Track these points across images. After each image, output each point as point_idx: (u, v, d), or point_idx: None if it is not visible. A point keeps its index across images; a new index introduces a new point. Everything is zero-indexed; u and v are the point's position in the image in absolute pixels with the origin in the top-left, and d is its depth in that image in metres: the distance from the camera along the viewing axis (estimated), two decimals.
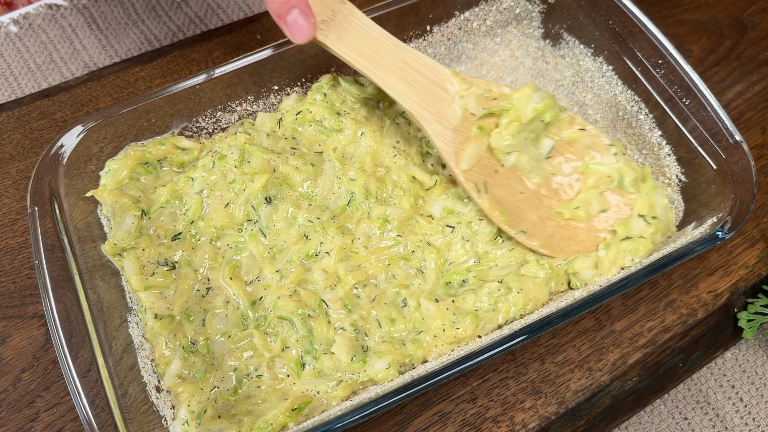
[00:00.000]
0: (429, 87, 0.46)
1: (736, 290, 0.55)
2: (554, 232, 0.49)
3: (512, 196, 0.48)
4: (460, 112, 0.46)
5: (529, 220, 0.49)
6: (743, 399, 0.53)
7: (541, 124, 0.48)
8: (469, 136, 0.47)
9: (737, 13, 0.72)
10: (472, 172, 0.47)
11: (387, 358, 0.46)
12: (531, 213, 0.49)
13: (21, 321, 0.52)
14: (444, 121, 0.46)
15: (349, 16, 0.45)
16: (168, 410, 0.45)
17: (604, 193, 0.49)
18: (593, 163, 0.49)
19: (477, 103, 0.47)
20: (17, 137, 0.61)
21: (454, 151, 0.47)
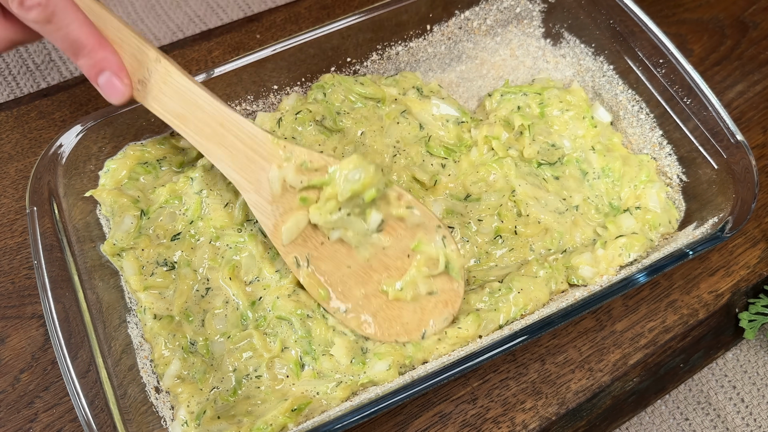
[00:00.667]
0: (248, 154, 0.43)
1: (737, 290, 0.55)
2: (378, 310, 0.45)
3: (338, 269, 0.45)
4: (278, 184, 0.43)
5: (354, 296, 0.45)
6: (744, 399, 0.53)
7: (363, 201, 0.43)
8: (291, 208, 0.43)
9: (738, 12, 0.71)
10: (295, 244, 0.44)
11: (387, 359, 0.46)
12: (358, 289, 0.45)
13: (20, 321, 0.52)
14: (263, 191, 0.43)
15: (165, 76, 0.42)
16: (167, 411, 0.45)
17: (433, 276, 0.45)
18: (422, 244, 0.45)
19: (296, 175, 0.43)
20: (16, 137, 0.61)
21: (274, 224, 0.44)
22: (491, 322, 0.47)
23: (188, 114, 0.44)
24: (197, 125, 0.44)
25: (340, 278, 0.46)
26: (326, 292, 0.45)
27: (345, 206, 0.43)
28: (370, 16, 0.58)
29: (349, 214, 0.43)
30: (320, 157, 0.44)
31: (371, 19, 0.58)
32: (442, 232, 0.46)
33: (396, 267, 0.46)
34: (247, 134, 0.44)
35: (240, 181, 0.44)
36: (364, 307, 0.46)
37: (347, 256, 0.45)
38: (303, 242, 0.45)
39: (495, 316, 0.47)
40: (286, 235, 0.44)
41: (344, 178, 0.42)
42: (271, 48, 0.55)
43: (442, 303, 0.46)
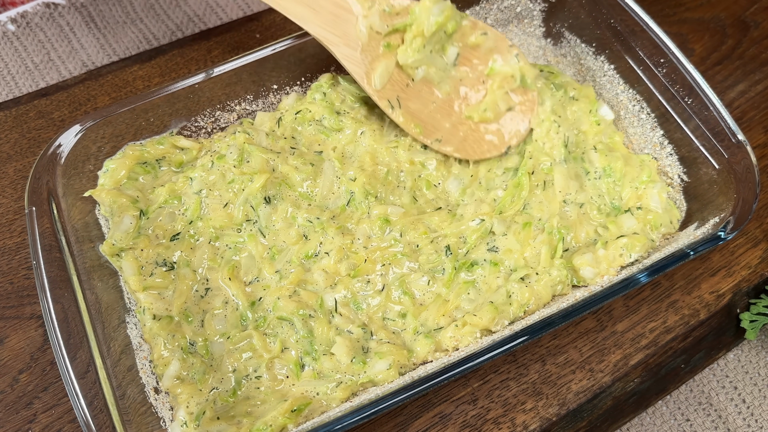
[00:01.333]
0: (332, 10, 0.47)
1: (738, 291, 0.55)
2: (466, 135, 0.51)
3: (425, 107, 0.50)
4: (366, 31, 0.47)
5: (443, 128, 0.51)
6: (746, 400, 0.53)
7: (444, 34, 0.49)
8: (377, 55, 0.48)
9: (740, 11, 0.71)
10: (385, 90, 0.48)
11: (388, 358, 0.46)
12: (444, 121, 0.51)
13: (18, 322, 0.52)
14: (351, 43, 0.47)
15: None
16: (167, 411, 0.45)
17: (509, 92, 0.52)
18: (497, 66, 0.51)
19: (381, 21, 0.48)
20: (15, 137, 0.61)
21: (365, 72, 0.48)
22: (504, 316, 0.47)
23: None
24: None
25: (428, 114, 0.50)
26: (420, 127, 0.49)
27: (428, 42, 0.48)
28: None
29: (431, 51, 0.48)
30: (398, 1, 0.49)
31: None
32: (515, 50, 0.51)
33: (474, 94, 0.52)
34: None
35: (330, 37, 0.47)
36: (453, 134, 0.51)
37: (430, 93, 0.50)
38: (391, 87, 0.49)
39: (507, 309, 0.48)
40: (379, 80, 0.48)
41: (429, 14, 0.47)
42: (271, 48, 0.55)
43: (521, 114, 0.52)
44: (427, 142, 0.50)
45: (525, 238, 0.51)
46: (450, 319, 0.48)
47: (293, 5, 0.47)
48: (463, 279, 0.50)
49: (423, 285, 0.50)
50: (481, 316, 0.47)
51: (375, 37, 0.48)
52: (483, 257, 0.50)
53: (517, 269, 0.50)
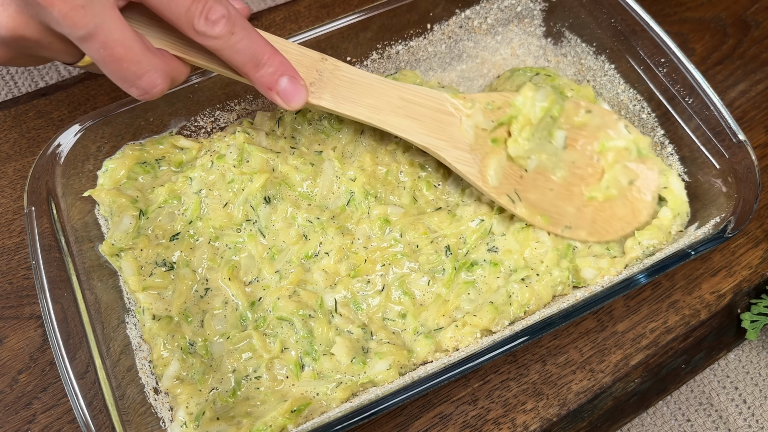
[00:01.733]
0: (434, 116, 0.46)
1: (739, 291, 0.55)
2: (594, 216, 0.50)
3: (544, 195, 0.49)
4: (472, 131, 0.46)
5: (568, 213, 0.49)
6: (746, 401, 0.52)
7: (550, 119, 0.48)
8: (487, 152, 0.47)
9: (740, 11, 0.71)
10: (502, 185, 0.47)
11: (388, 359, 0.46)
12: (567, 206, 0.49)
13: (18, 322, 0.52)
14: (460, 144, 0.46)
15: (335, 71, 0.44)
16: (166, 412, 0.45)
17: (628, 164, 0.51)
18: (608, 141, 0.50)
19: (485, 118, 0.47)
20: (14, 136, 0.61)
21: (479, 170, 0.47)
22: (505, 316, 0.47)
23: (369, 100, 0.45)
24: (381, 108, 0.46)
25: (550, 202, 0.49)
26: (545, 217, 0.48)
27: (536, 130, 0.48)
28: (369, 14, 0.57)
29: (539, 138, 0.48)
30: (498, 95, 0.48)
31: (371, 17, 0.58)
32: (623, 121, 0.51)
33: (591, 174, 0.51)
34: (428, 98, 0.46)
35: (437, 143, 0.46)
36: (581, 218, 0.50)
37: (546, 181, 0.49)
38: (506, 181, 0.48)
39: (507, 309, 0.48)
40: (494, 176, 0.47)
41: (533, 102, 0.47)
42: None
43: (642, 185, 0.51)
44: (558, 232, 0.48)
45: (524, 239, 0.51)
46: (450, 320, 0.48)
47: (395, 119, 0.46)
48: (463, 279, 0.50)
49: (423, 285, 0.50)
50: (482, 317, 0.47)
51: (481, 134, 0.46)
52: (483, 257, 0.50)
53: (518, 270, 0.50)
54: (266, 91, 0.42)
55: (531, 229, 0.51)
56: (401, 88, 0.46)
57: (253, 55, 0.40)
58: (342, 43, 0.58)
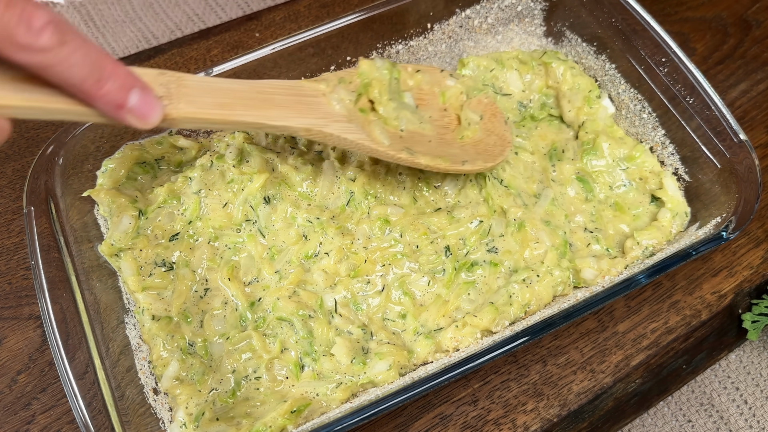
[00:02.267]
0: (300, 101, 0.44)
1: (740, 291, 0.55)
2: (476, 149, 0.51)
3: (428, 146, 0.49)
4: (341, 105, 0.45)
5: (457, 154, 0.50)
6: (747, 401, 0.52)
7: (396, 83, 0.49)
8: (363, 121, 0.46)
9: (741, 10, 0.71)
10: (393, 144, 0.47)
11: (388, 359, 0.45)
12: (451, 149, 0.50)
13: (17, 322, 0.51)
14: (338, 118, 0.45)
15: (180, 82, 0.38)
16: (166, 413, 0.45)
17: (470, 103, 0.53)
18: (446, 91, 0.52)
19: (346, 91, 0.46)
20: (13, 136, 0.60)
21: (367, 135, 0.46)
22: (505, 317, 0.47)
23: (229, 100, 0.42)
24: (242, 105, 0.41)
25: (436, 149, 0.49)
26: (445, 158, 0.49)
27: (390, 93, 0.48)
28: (369, 14, 0.57)
29: (396, 101, 0.48)
30: (345, 71, 0.48)
31: (371, 17, 0.57)
32: (446, 73, 0.53)
33: (450, 122, 0.52)
34: (284, 88, 0.44)
35: (316, 121, 0.44)
36: (469, 153, 0.50)
37: (422, 135, 0.49)
38: (393, 141, 0.47)
39: (508, 310, 0.47)
40: (384, 137, 0.47)
41: (375, 69, 0.47)
42: (270, 47, 0.55)
43: (492, 114, 0.53)
44: (460, 167, 0.49)
45: (524, 239, 0.50)
46: (450, 320, 0.48)
47: (263, 110, 0.42)
48: (464, 280, 0.50)
49: (423, 285, 0.49)
50: (482, 317, 0.47)
51: (350, 107, 0.46)
52: (483, 258, 0.50)
53: (518, 270, 0.50)
54: (115, 111, 0.33)
55: (528, 230, 0.50)
56: (254, 84, 0.43)
57: (94, 67, 0.31)
58: (342, 43, 0.58)
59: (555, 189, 0.55)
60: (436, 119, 0.51)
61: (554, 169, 0.56)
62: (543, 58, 0.60)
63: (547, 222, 0.52)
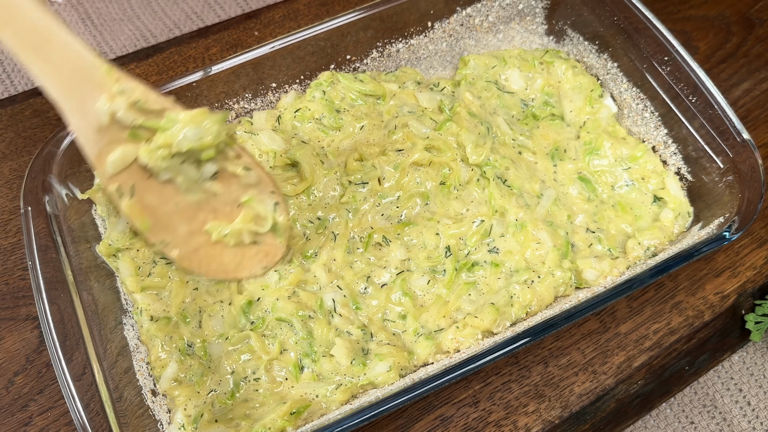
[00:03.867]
0: (74, 77, 0.38)
1: (743, 292, 0.54)
2: (200, 248, 0.45)
3: (164, 205, 0.43)
4: (107, 116, 0.39)
5: (177, 232, 0.44)
6: (751, 403, 0.52)
7: (203, 152, 0.41)
8: (118, 139, 0.40)
9: (744, 9, 0.70)
10: (120, 175, 0.41)
11: (388, 360, 0.45)
12: (181, 225, 0.44)
13: (14, 323, 0.51)
14: (89, 118, 0.39)
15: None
16: (164, 414, 0.44)
17: (258, 232, 0.45)
18: (253, 203, 0.44)
19: (128, 112, 0.39)
20: (10, 136, 0.60)
21: (98, 152, 0.40)
22: (506, 317, 0.47)
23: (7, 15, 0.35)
24: (18, 30, 0.36)
25: (166, 213, 0.43)
26: (148, 223, 0.42)
27: (179, 156, 0.41)
28: (369, 12, 0.57)
29: (182, 162, 0.41)
30: (157, 99, 0.40)
31: (371, 15, 0.57)
32: (275, 197, 0.45)
33: (225, 213, 0.45)
34: (76, 56, 0.38)
35: (62, 102, 0.38)
36: (187, 242, 0.44)
37: (175, 194, 0.43)
38: (129, 174, 0.41)
39: (509, 311, 0.47)
40: (111, 167, 0.40)
41: (184, 133, 0.40)
42: (270, 45, 0.54)
43: (263, 253, 0.46)
44: (151, 241, 0.43)
45: (525, 240, 0.50)
46: (451, 321, 0.48)
47: (31, 54, 0.36)
48: (464, 280, 0.49)
49: (423, 285, 0.49)
50: (483, 318, 0.46)
51: (117, 123, 0.39)
52: (484, 258, 0.50)
53: (519, 270, 0.49)
54: None
55: (529, 230, 0.50)
56: (53, 30, 0.37)
57: None
58: (342, 42, 0.58)
59: (557, 189, 0.54)
60: (219, 201, 0.43)
61: (556, 169, 0.56)
62: (544, 56, 0.60)
63: (549, 222, 0.52)
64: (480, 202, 0.52)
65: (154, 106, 0.40)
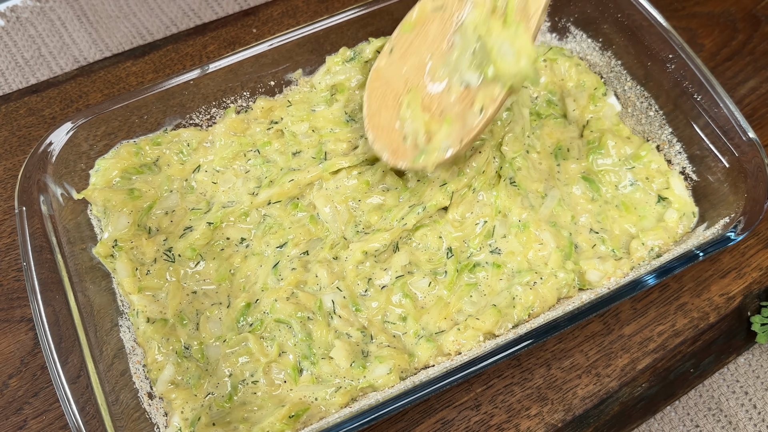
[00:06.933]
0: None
1: (749, 293, 0.54)
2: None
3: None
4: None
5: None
6: (756, 406, 0.51)
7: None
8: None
9: (750, 5, 0.70)
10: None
11: (388, 362, 0.45)
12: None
13: (8, 325, 0.50)
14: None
15: None
16: (161, 417, 0.44)
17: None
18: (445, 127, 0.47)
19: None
20: (4, 134, 0.59)
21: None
22: (508, 319, 0.46)
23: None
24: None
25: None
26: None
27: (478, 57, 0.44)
28: (369, 9, 0.56)
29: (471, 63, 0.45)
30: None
31: (370, 12, 0.56)
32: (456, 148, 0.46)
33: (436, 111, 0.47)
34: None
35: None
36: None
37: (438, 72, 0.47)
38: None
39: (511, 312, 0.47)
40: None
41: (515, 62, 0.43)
42: (268, 43, 0.54)
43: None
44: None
45: (527, 241, 0.49)
46: (452, 323, 0.47)
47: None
48: (466, 281, 0.49)
49: (424, 287, 0.48)
50: (484, 320, 0.46)
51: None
52: (485, 259, 0.49)
53: (521, 271, 0.49)
54: None
55: (532, 231, 0.49)
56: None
57: None
58: (341, 39, 0.57)
59: (560, 189, 0.53)
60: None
61: (559, 168, 0.55)
62: (548, 54, 0.59)
63: (553, 223, 0.51)
64: (484, 203, 0.51)
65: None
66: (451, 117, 0.46)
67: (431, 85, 0.47)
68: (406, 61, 0.49)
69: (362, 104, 0.49)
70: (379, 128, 0.48)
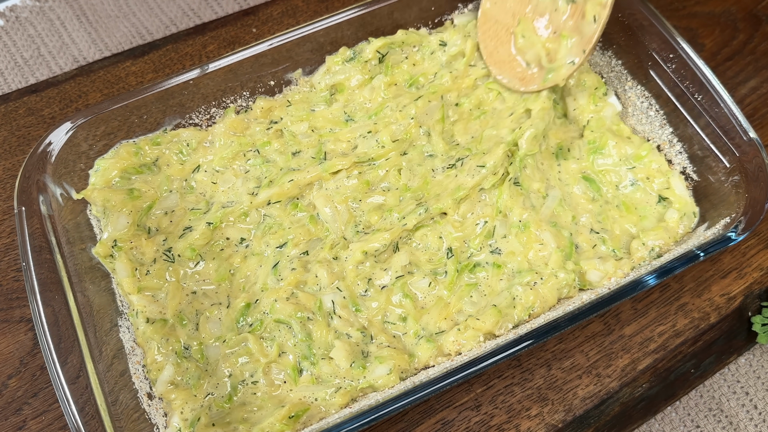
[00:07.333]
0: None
1: (750, 293, 0.54)
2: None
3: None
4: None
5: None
6: (757, 406, 0.51)
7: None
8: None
9: (751, 5, 0.69)
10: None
11: (388, 363, 0.44)
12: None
13: (7, 325, 0.50)
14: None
15: None
16: (160, 418, 0.44)
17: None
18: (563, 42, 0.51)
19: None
20: (3, 134, 0.59)
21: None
22: (508, 319, 0.46)
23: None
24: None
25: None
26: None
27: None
28: (370, 9, 0.56)
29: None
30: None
31: (370, 12, 0.56)
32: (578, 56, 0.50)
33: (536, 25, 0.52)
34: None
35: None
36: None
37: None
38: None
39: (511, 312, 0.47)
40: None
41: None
42: (268, 42, 0.54)
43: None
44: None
45: (527, 240, 0.49)
46: (452, 323, 0.47)
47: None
48: (466, 281, 0.49)
49: (424, 287, 0.48)
50: (485, 320, 0.46)
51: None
52: (486, 259, 0.49)
53: (521, 272, 0.48)
54: None
55: (533, 231, 0.49)
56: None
57: None
58: (341, 39, 0.57)
59: (561, 189, 0.53)
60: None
61: (560, 168, 0.55)
62: None
63: (553, 223, 0.51)
64: (486, 203, 0.51)
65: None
66: (566, 32, 0.49)
67: (539, 11, 0.51)
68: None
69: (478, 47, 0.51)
70: (501, 63, 0.52)
